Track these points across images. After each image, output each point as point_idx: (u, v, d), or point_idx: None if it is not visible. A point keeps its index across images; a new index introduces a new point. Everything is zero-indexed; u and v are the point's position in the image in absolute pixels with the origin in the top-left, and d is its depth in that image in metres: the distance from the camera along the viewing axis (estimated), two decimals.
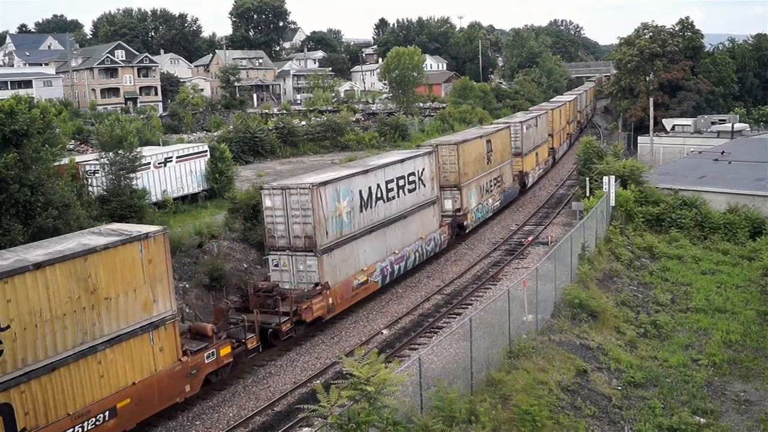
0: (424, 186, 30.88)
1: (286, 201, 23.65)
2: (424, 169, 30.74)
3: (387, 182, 27.83)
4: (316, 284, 23.63)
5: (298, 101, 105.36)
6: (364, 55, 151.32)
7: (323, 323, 24.59)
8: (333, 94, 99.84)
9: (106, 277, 16.05)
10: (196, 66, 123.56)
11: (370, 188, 26.59)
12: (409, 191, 29.49)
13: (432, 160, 31.69)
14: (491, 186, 39.48)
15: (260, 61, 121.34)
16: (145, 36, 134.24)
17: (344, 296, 24.90)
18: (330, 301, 23.84)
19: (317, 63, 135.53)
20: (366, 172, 26.71)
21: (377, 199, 26.98)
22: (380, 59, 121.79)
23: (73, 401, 15.29)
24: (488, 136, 39.17)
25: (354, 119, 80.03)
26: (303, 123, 72.81)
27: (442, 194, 33.84)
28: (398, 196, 28.55)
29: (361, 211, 25.99)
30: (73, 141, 53.94)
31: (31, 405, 14.45)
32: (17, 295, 14.16)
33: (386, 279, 27.87)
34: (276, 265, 24.39)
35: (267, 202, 24.12)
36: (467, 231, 35.89)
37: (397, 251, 28.39)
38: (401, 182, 28.89)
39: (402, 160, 29.18)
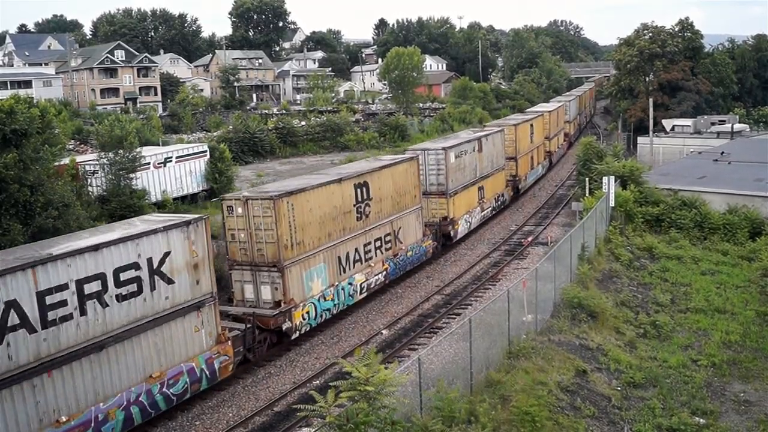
0: (170, 282, 17.89)
1: None
2: (168, 254, 17.82)
3: (43, 294, 14.84)
4: None
5: (298, 101, 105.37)
6: (363, 55, 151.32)
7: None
8: (333, 95, 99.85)
9: None
10: (195, 66, 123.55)
11: None
12: (124, 298, 16.64)
13: (197, 234, 18.72)
14: (367, 252, 26.37)
15: (260, 61, 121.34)
16: (145, 36, 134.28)
17: None
18: None
19: (317, 63, 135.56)
20: None
21: (12, 328, 14.30)
22: (380, 59, 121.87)
23: None
24: (358, 179, 25.61)
25: (354, 119, 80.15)
26: (303, 123, 72.89)
27: (257, 277, 22.05)
28: (85, 314, 15.67)
29: None
30: (72, 141, 54.00)
31: None
32: None
33: None
34: None
35: None
36: (295, 336, 22.69)
37: (66, 418, 15.16)
38: (94, 286, 15.90)
39: (96, 247, 16.04)
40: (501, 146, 41.44)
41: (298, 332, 22.72)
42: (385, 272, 27.68)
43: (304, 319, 22.81)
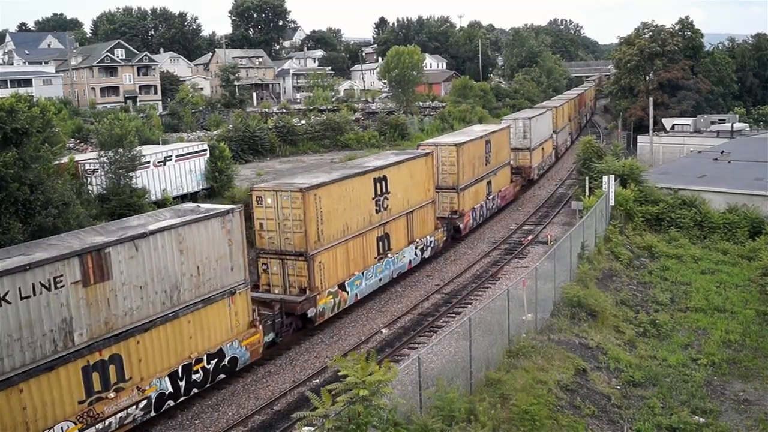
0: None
1: None
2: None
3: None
4: None
5: (298, 100, 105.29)
6: (363, 54, 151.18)
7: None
8: (333, 93, 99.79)
9: None
10: (195, 65, 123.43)
11: None
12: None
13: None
14: None
15: (260, 60, 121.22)
16: (145, 35, 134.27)
17: None
18: None
19: (317, 62, 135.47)
20: None
21: None
22: (380, 58, 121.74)
23: None
24: None
25: (354, 118, 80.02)
26: (302, 122, 72.81)
27: None
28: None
29: None
30: (72, 140, 53.96)
31: None
32: None
33: None
34: None
35: None
36: None
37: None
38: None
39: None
40: (236, 237, 21.04)
41: None
42: None
43: None
